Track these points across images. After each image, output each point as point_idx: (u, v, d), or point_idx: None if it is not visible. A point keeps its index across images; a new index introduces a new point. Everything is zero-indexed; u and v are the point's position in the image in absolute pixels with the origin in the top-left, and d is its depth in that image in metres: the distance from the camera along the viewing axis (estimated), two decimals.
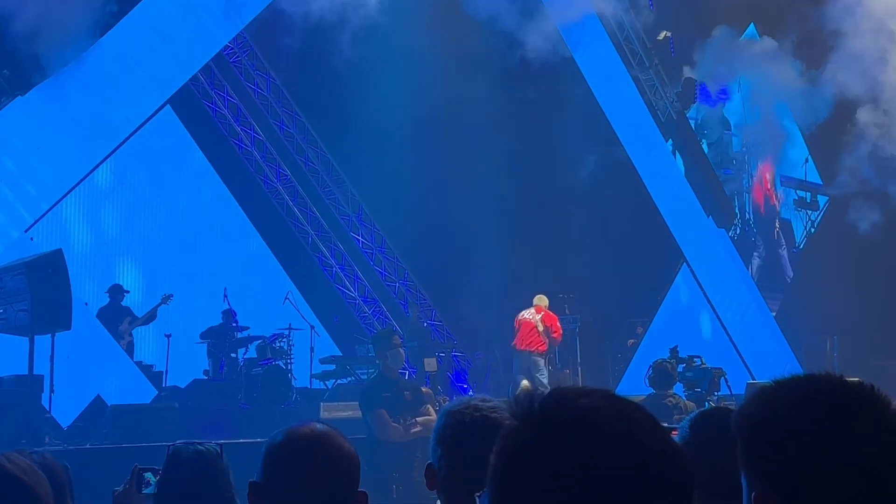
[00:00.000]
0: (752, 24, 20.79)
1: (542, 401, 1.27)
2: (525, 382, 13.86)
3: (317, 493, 2.32)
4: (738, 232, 20.77)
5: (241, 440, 10.00)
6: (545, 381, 14.47)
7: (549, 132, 17.07)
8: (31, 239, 14.25)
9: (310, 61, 17.27)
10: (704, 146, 20.73)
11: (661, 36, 19.78)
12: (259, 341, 14.52)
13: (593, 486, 1.18)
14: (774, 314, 20.55)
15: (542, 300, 15.43)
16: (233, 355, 14.45)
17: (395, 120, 16.27)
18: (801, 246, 21.92)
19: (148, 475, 3.89)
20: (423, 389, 10.36)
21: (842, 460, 1.54)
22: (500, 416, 2.32)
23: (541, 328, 15.20)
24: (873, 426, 1.57)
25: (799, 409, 1.60)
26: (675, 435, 2.88)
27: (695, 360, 10.76)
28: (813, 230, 21.94)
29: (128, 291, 14.69)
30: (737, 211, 20.99)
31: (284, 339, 14.77)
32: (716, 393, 10.33)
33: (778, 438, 1.59)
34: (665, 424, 3.02)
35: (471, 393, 16.53)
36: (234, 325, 14.66)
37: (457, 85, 16.56)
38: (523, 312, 15.36)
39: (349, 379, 14.79)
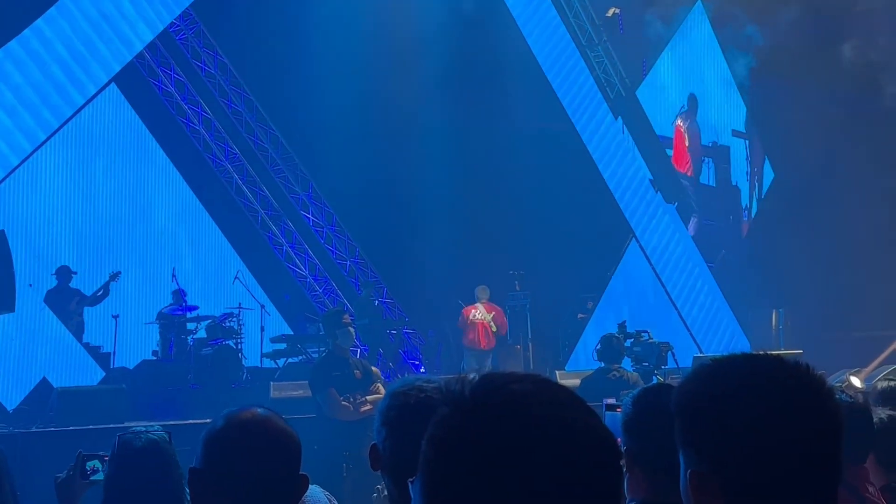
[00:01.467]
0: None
1: (472, 387, 1.27)
2: None
3: (258, 478, 2.31)
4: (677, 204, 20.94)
5: (192, 421, 9.95)
6: None
7: (499, 109, 17.07)
8: None
9: (258, 38, 17.13)
10: None
11: (610, 13, 19.84)
12: (209, 321, 14.43)
13: (523, 472, 1.18)
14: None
15: (485, 292, 15.70)
16: (182, 336, 14.35)
17: (344, 97, 16.20)
18: (753, 215, 22.12)
19: (94, 462, 3.85)
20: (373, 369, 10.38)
21: (774, 439, 1.56)
22: None
23: (494, 329, 15.51)
24: (806, 405, 1.60)
25: (733, 388, 1.62)
26: (618, 412, 2.91)
27: (642, 334, 10.84)
28: (759, 200, 22.18)
29: (75, 273, 14.51)
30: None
31: (234, 319, 14.69)
32: (663, 367, 10.42)
33: (712, 417, 1.62)
34: (612, 400, 3.06)
35: (422, 370, 16.64)
36: (183, 305, 14.55)
37: (406, 63, 16.50)
38: (473, 312, 15.60)
39: (300, 358, 14.73)
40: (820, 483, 1.60)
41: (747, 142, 22.32)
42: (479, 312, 15.64)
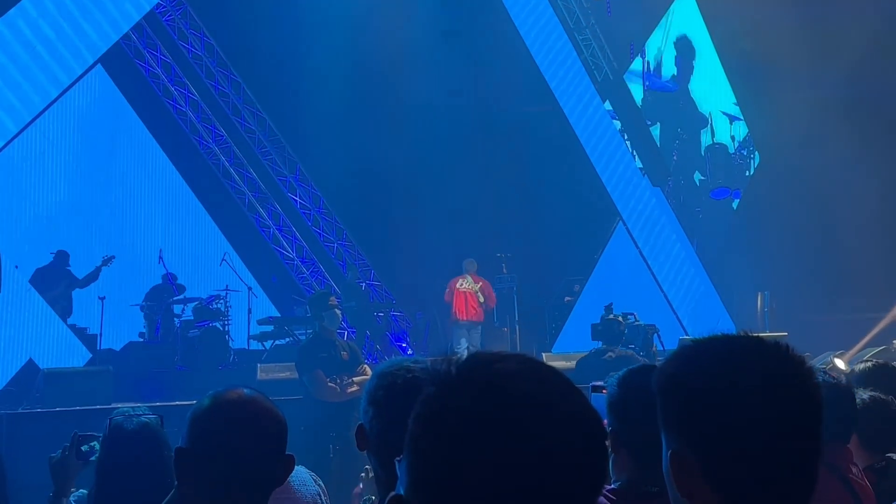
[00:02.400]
0: None
1: (458, 366, 1.27)
2: None
3: (243, 458, 2.31)
4: (670, 185, 20.93)
5: (178, 402, 9.94)
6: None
7: (486, 91, 17.06)
8: None
9: (244, 19, 17.06)
10: None
11: None
12: (196, 303, 14.43)
13: (508, 450, 1.19)
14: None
15: (473, 265, 15.67)
16: (169, 318, 14.34)
17: (331, 79, 16.16)
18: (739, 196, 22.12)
19: (92, 443, 3.85)
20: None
21: (753, 419, 1.57)
22: None
23: (481, 300, 15.47)
24: (785, 385, 1.60)
25: (713, 369, 1.63)
26: (604, 393, 2.92)
27: (629, 317, 10.90)
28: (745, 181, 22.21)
29: (68, 254, 14.44)
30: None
31: (221, 301, 14.69)
32: (649, 349, 10.49)
33: (692, 398, 1.62)
34: (600, 382, 3.06)
35: (410, 352, 16.66)
36: (170, 286, 14.54)
37: (393, 45, 16.44)
38: (461, 282, 15.55)
39: (287, 340, 14.73)
40: (800, 462, 1.61)
41: (734, 123, 22.33)
42: (465, 283, 15.57)
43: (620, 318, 10.33)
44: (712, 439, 1.59)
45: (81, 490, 4.03)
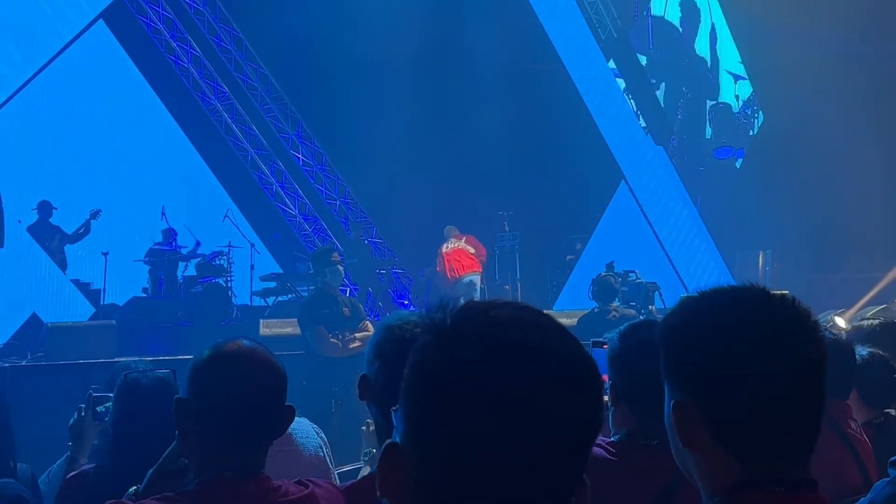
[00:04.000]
0: None
1: (453, 314, 1.27)
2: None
3: (243, 409, 2.33)
4: (674, 144, 20.87)
5: (181, 357, 9.97)
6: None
7: (490, 48, 16.94)
8: None
9: None
10: None
11: None
12: (199, 259, 14.45)
13: (503, 397, 1.18)
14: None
15: (453, 230, 15.55)
16: (172, 273, 14.37)
17: (333, 35, 16.07)
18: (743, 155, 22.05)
19: (108, 404, 3.87)
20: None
21: (758, 369, 1.58)
22: None
23: (472, 251, 15.41)
24: (791, 337, 1.61)
25: (718, 319, 1.63)
26: (605, 349, 2.93)
27: (630, 274, 10.91)
28: (747, 146, 22.15)
29: (55, 208, 14.43)
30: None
31: (224, 257, 14.72)
32: (650, 306, 10.49)
33: (696, 347, 1.63)
34: (601, 338, 3.06)
35: (412, 310, 16.66)
36: (172, 243, 14.56)
37: (397, 0, 16.36)
38: (445, 246, 15.41)
39: (290, 296, 14.79)
40: (803, 414, 1.61)
41: (738, 83, 22.23)
42: (450, 244, 15.47)
43: (612, 277, 10.25)
44: (716, 389, 1.60)
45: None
